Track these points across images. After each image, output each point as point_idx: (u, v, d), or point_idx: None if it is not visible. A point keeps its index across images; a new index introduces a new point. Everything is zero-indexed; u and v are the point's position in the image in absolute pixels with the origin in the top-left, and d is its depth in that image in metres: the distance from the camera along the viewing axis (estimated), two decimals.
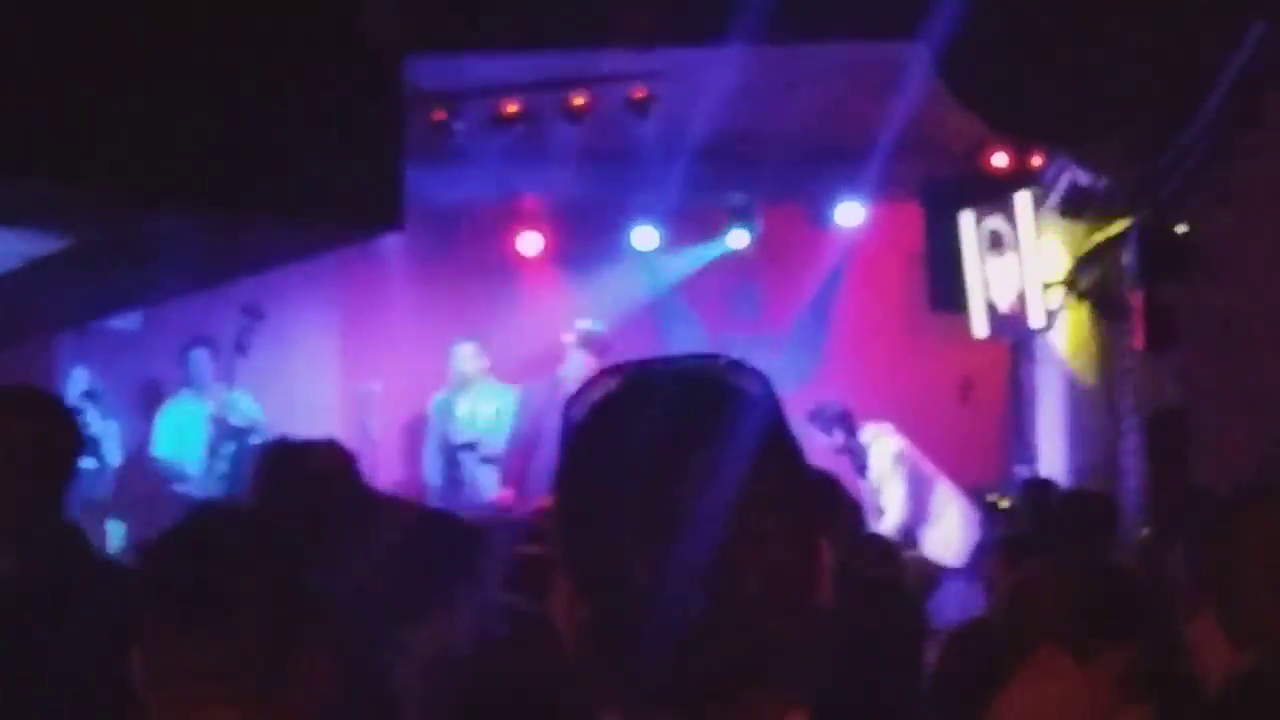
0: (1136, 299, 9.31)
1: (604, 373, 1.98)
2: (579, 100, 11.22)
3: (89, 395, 12.19)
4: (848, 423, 11.33)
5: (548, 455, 12.40)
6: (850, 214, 13.05)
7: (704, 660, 1.86)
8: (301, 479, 5.31)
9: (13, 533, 4.11)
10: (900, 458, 11.13)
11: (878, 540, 7.75)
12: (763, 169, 12.34)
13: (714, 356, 2.00)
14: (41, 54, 6.35)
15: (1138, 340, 9.30)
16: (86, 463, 12.16)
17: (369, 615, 4.50)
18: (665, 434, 1.87)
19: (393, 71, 7.69)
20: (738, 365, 1.97)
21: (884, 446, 11.18)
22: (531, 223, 13.38)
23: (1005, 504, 10.84)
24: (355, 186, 7.44)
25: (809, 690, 1.96)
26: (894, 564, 7.27)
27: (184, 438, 12.38)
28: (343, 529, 4.62)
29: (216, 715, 2.72)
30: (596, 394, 1.97)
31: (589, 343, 12.55)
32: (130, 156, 6.71)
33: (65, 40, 6.40)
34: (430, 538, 4.73)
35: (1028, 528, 9.49)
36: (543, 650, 4.08)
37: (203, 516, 3.01)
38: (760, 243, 13.35)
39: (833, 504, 6.29)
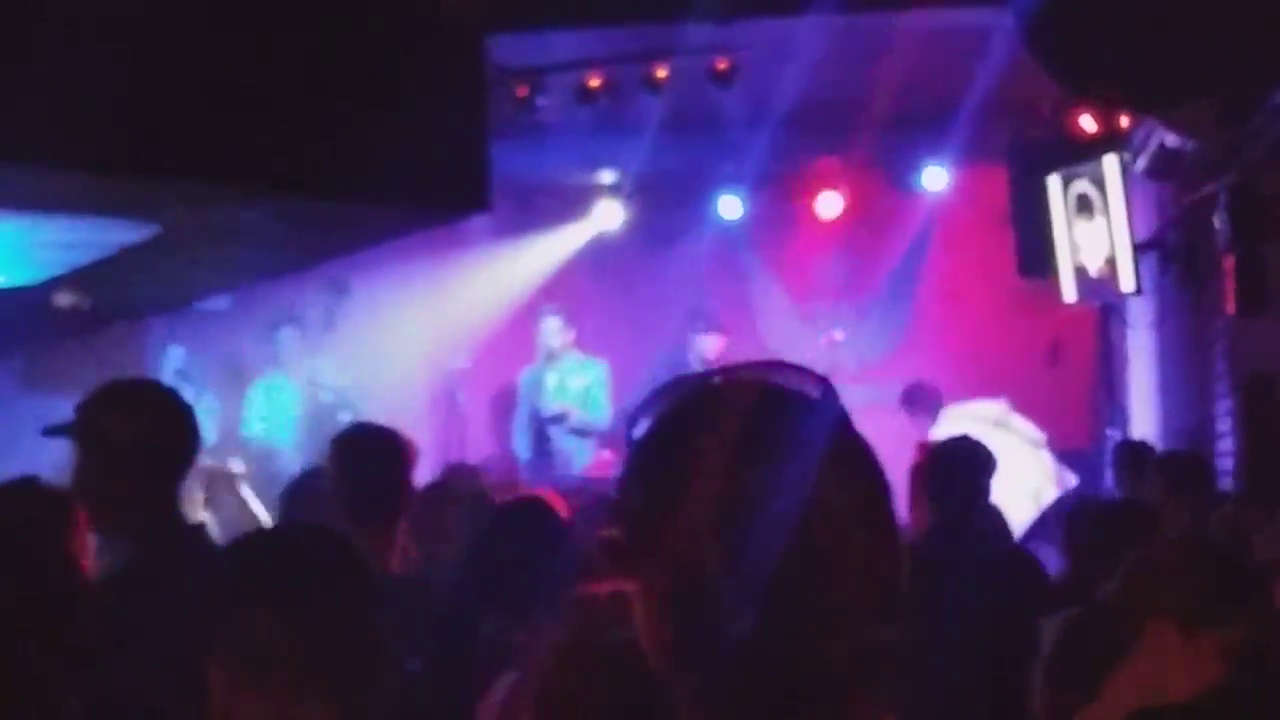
0: (1228, 263, 9.20)
1: (669, 385, 1.98)
2: (661, 72, 11.18)
3: (182, 374, 12.28)
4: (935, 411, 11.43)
5: None
6: (936, 179, 12.98)
7: (792, 670, 1.86)
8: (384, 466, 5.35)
9: (129, 530, 4.15)
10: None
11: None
12: (847, 135, 12.27)
13: (777, 364, 2.00)
14: (132, 50, 6.38)
15: (1230, 305, 9.20)
16: None
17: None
18: (737, 444, 1.88)
19: (477, 53, 7.69)
20: (801, 371, 1.98)
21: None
22: (616, 195, 13.37)
23: None
24: (442, 169, 7.44)
25: (898, 693, 1.96)
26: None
27: (274, 416, 12.49)
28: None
29: (313, 711, 2.75)
30: (663, 406, 1.97)
31: (711, 324, 12.62)
32: (217, 147, 6.74)
33: (153, 36, 6.43)
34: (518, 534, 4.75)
35: (1125, 490, 9.45)
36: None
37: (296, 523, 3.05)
38: (846, 209, 13.30)
39: None
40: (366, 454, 5.35)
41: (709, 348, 12.66)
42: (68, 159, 6.48)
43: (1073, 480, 11.15)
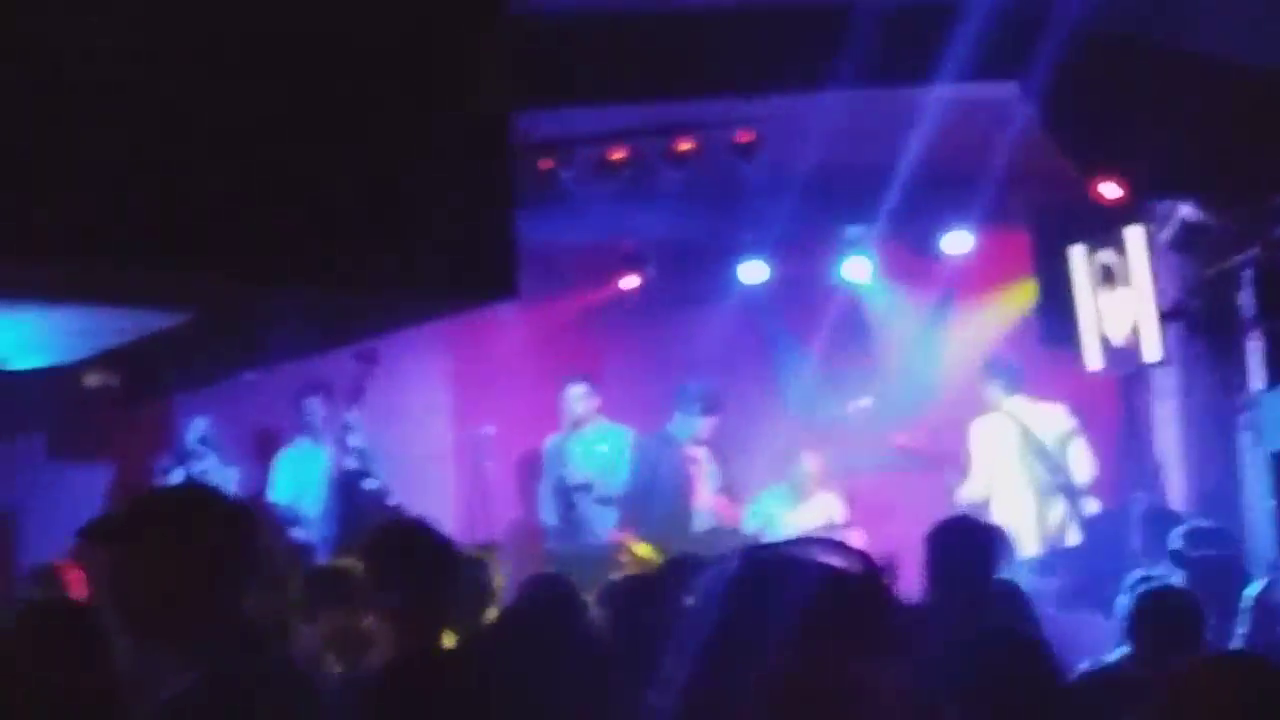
0: (1254, 337, 9.22)
1: (721, 561, 2.01)
2: (685, 145, 11.25)
3: (206, 442, 12.34)
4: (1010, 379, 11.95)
5: (661, 502, 12.47)
6: (958, 243, 12.99)
7: None
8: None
9: (193, 641, 4.03)
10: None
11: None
12: (869, 201, 12.31)
13: (821, 541, 2.04)
14: (167, 144, 6.44)
15: (1256, 380, 9.22)
16: None
17: None
18: (788, 626, 1.91)
19: (504, 142, 7.73)
20: (844, 549, 2.01)
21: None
22: (638, 264, 13.41)
23: None
24: (469, 256, 7.47)
25: None
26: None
27: (301, 484, 12.53)
28: None
29: None
30: (715, 582, 2.00)
31: (700, 401, 12.65)
32: (249, 239, 6.79)
33: (186, 130, 6.49)
34: None
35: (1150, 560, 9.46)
36: None
37: None
38: (872, 275, 13.34)
39: None
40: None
41: (705, 428, 12.69)
42: (101, 250, 6.54)
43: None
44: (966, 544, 7.07)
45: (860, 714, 1.95)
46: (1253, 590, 7.73)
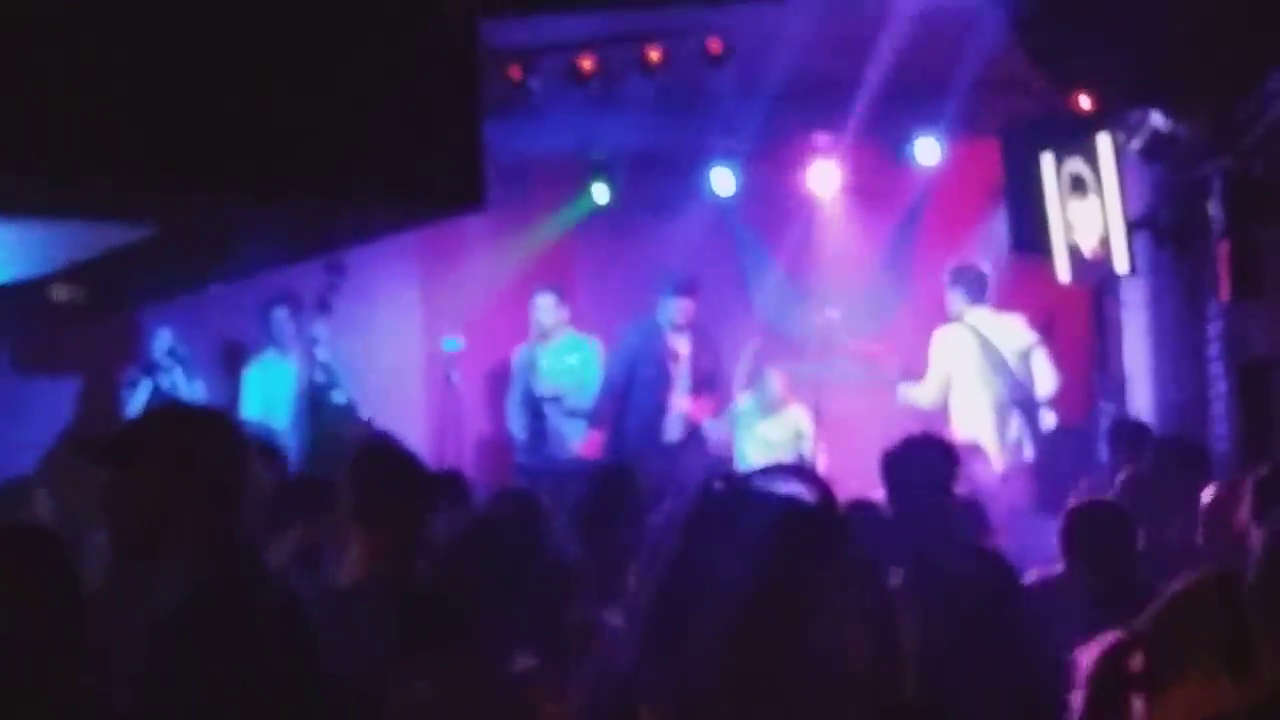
0: (1222, 248, 9.22)
1: (683, 493, 2.02)
2: (654, 54, 11.18)
3: (173, 355, 12.29)
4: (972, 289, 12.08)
5: (638, 401, 12.45)
6: (929, 151, 12.96)
7: None
8: None
9: (191, 560, 4.05)
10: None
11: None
12: (841, 110, 12.27)
13: (778, 469, 2.03)
14: (123, 58, 6.37)
15: (1224, 290, 9.23)
16: None
17: None
18: (743, 561, 1.91)
19: (472, 49, 7.65)
20: (800, 476, 2.00)
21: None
22: (607, 172, 13.35)
23: None
24: (436, 166, 7.42)
25: None
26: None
27: (270, 396, 12.49)
28: None
29: None
30: (675, 514, 2.00)
31: (680, 287, 12.59)
32: (211, 152, 6.72)
33: (142, 43, 6.42)
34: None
35: (1119, 468, 9.48)
36: None
37: None
38: (840, 183, 13.29)
39: None
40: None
41: (679, 311, 12.61)
42: (64, 164, 6.48)
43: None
44: (922, 463, 7.16)
45: (819, 639, 1.94)
46: None
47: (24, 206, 7.30)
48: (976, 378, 11.92)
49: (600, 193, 13.37)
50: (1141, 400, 11.69)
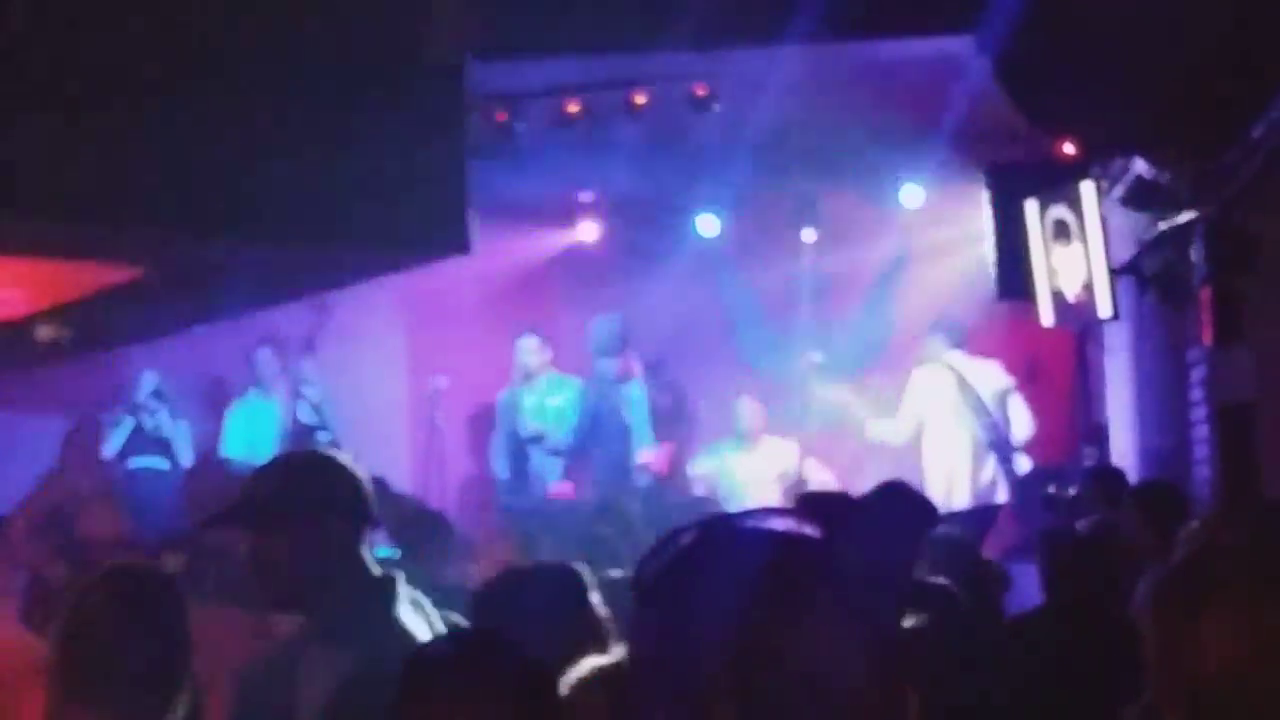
0: (1205, 294, 9.26)
1: (676, 532, 2.02)
2: (640, 99, 11.24)
3: (158, 395, 12.29)
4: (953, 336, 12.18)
5: (604, 450, 12.45)
6: (913, 197, 13.02)
7: None
8: None
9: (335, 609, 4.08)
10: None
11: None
12: (825, 156, 12.33)
13: (780, 511, 2.04)
14: (117, 102, 6.41)
15: (1206, 335, 9.26)
16: (158, 463, 12.31)
17: None
18: (746, 600, 1.91)
19: (457, 96, 7.72)
20: (802, 514, 2.01)
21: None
22: (593, 217, 13.38)
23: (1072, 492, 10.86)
24: (422, 214, 7.49)
25: None
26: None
27: (254, 436, 12.48)
28: None
29: None
30: (670, 552, 2.00)
31: (602, 349, 12.61)
32: (199, 195, 6.77)
33: (135, 88, 6.46)
34: None
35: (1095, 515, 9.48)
36: None
37: None
38: (823, 229, 13.33)
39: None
40: None
41: (610, 369, 12.60)
42: (52, 205, 6.51)
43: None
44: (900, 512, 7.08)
45: (817, 681, 1.95)
46: None
47: (11, 246, 7.33)
48: (952, 418, 11.99)
49: (589, 232, 13.42)
50: (1124, 444, 11.72)
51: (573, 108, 11.29)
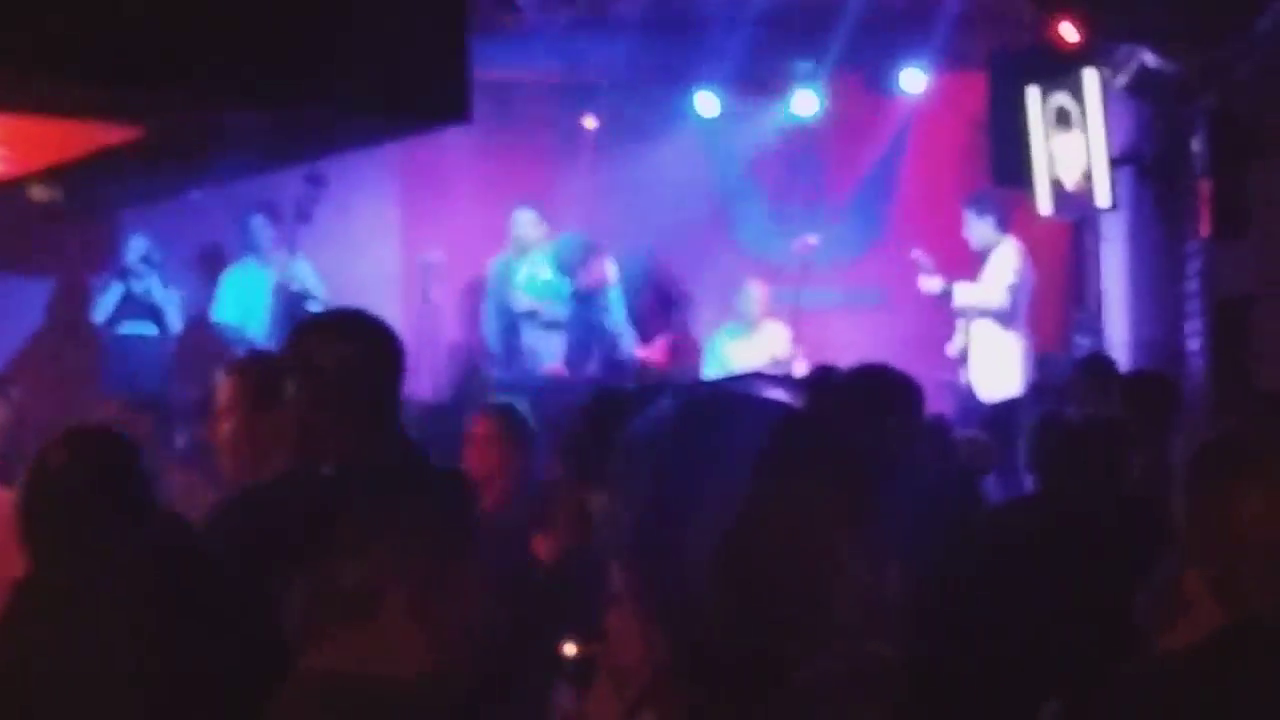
0: (1204, 186, 9.24)
1: (651, 390, 2.01)
2: None
3: (147, 260, 12.22)
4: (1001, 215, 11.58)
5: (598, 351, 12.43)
6: (914, 82, 12.94)
7: (783, 682, 1.90)
8: None
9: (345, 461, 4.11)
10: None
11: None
12: (826, 36, 12.25)
13: (758, 376, 2.04)
14: None
15: (1204, 228, 9.25)
16: (147, 328, 12.28)
17: None
18: (728, 464, 1.91)
19: None
20: (785, 382, 2.01)
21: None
22: (592, 92, 13.29)
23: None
24: (421, 77, 7.41)
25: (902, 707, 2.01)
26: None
27: (247, 304, 12.43)
28: None
29: None
30: (653, 415, 1.99)
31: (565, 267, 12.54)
32: (200, 55, 6.70)
33: None
34: None
35: (1087, 406, 9.48)
36: None
37: None
38: (823, 110, 13.26)
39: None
40: None
41: (581, 281, 12.52)
42: (49, 64, 6.45)
43: None
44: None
45: (810, 549, 1.95)
46: None
47: (7, 105, 7.27)
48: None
49: (590, 123, 13.34)
50: (1117, 334, 11.72)
51: None
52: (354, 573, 2.90)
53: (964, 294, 11.46)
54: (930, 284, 11.51)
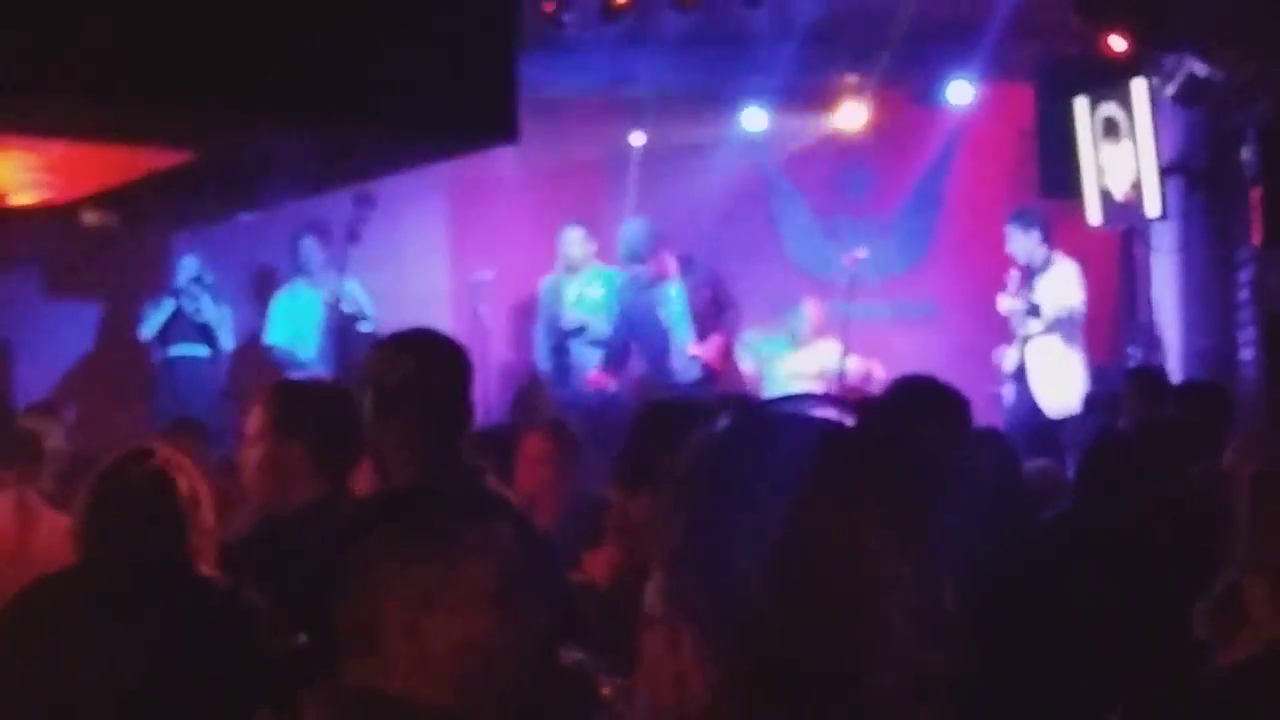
0: (1254, 194, 9.20)
1: (704, 405, 2.02)
2: None
3: (199, 281, 12.28)
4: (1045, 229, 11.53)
5: (643, 348, 12.42)
6: (961, 94, 12.91)
7: (845, 701, 1.90)
8: None
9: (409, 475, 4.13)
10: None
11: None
12: (873, 49, 12.24)
13: (812, 397, 2.03)
14: None
15: (1256, 236, 9.21)
16: (200, 350, 12.35)
17: None
18: (782, 484, 1.90)
19: None
20: (839, 403, 2.00)
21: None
22: (640, 109, 13.31)
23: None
24: (469, 97, 7.43)
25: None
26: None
27: (298, 325, 12.49)
28: None
29: None
30: (706, 436, 1.99)
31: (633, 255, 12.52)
32: (251, 77, 6.75)
33: None
34: None
35: (1138, 416, 9.44)
36: None
37: None
38: (870, 124, 13.24)
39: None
40: None
41: (644, 272, 12.50)
42: (101, 88, 6.50)
43: None
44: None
45: (863, 575, 1.95)
46: None
47: (61, 129, 7.33)
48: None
49: (638, 139, 13.36)
50: (1169, 345, 11.67)
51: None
52: (350, 609, 2.88)
53: (1050, 306, 11.43)
54: (1010, 304, 11.49)
